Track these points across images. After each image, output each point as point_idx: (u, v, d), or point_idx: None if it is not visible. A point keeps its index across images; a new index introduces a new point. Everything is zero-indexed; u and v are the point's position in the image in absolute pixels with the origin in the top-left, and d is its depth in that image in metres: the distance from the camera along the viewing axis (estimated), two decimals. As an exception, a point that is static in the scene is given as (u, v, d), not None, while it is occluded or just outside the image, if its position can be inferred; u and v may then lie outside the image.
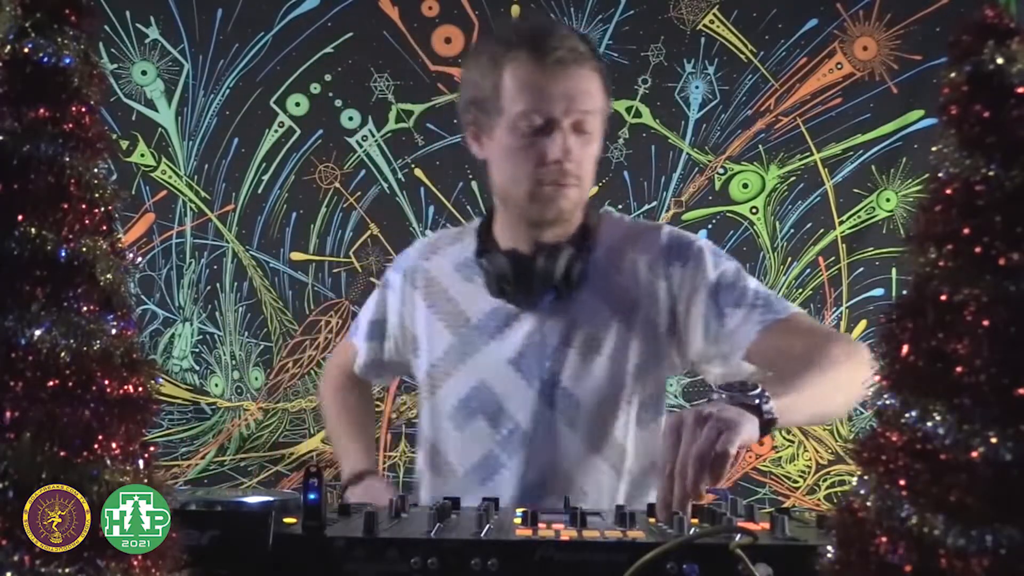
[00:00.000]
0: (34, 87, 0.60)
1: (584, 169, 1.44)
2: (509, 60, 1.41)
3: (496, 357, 1.50)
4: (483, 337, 1.51)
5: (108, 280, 0.61)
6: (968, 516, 0.49)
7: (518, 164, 1.43)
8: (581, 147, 1.42)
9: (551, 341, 1.48)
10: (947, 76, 0.55)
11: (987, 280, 0.51)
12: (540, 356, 1.48)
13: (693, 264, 1.47)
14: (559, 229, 1.48)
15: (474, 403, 1.50)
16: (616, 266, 1.50)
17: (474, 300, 1.52)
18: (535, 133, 1.41)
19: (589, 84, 1.42)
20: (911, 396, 0.53)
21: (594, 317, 1.48)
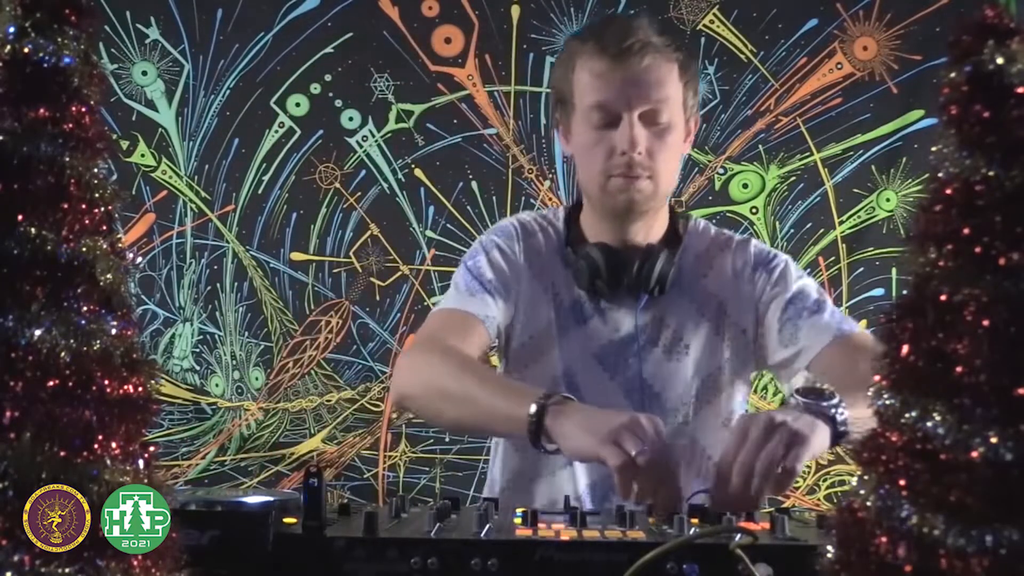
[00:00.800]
0: (34, 87, 0.60)
1: (658, 161, 1.42)
2: (580, 55, 1.43)
3: (581, 347, 1.48)
4: (570, 322, 1.49)
5: (108, 280, 0.61)
6: (968, 516, 0.49)
7: (591, 158, 1.44)
8: (653, 139, 1.41)
9: (638, 338, 1.47)
10: (947, 76, 0.55)
11: (987, 280, 0.51)
12: (625, 352, 1.47)
13: (777, 274, 1.51)
14: (641, 225, 1.49)
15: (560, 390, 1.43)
16: (704, 270, 1.52)
17: (567, 285, 1.51)
18: (605, 126, 1.42)
19: (659, 73, 1.40)
20: (911, 396, 0.53)
21: (682, 318, 1.49)
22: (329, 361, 2.75)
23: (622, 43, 1.38)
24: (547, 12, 2.74)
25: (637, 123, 1.39)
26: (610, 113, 1.41)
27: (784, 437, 1.07)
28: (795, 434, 1.08)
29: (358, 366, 2.75)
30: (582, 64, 1.43)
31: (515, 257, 1.53)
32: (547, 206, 2.74)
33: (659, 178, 1.44)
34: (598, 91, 1.41)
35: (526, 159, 2.74)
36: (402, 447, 2.72)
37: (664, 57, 1.41)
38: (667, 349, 1.48)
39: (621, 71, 1.39)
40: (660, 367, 1.48)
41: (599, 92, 1.41)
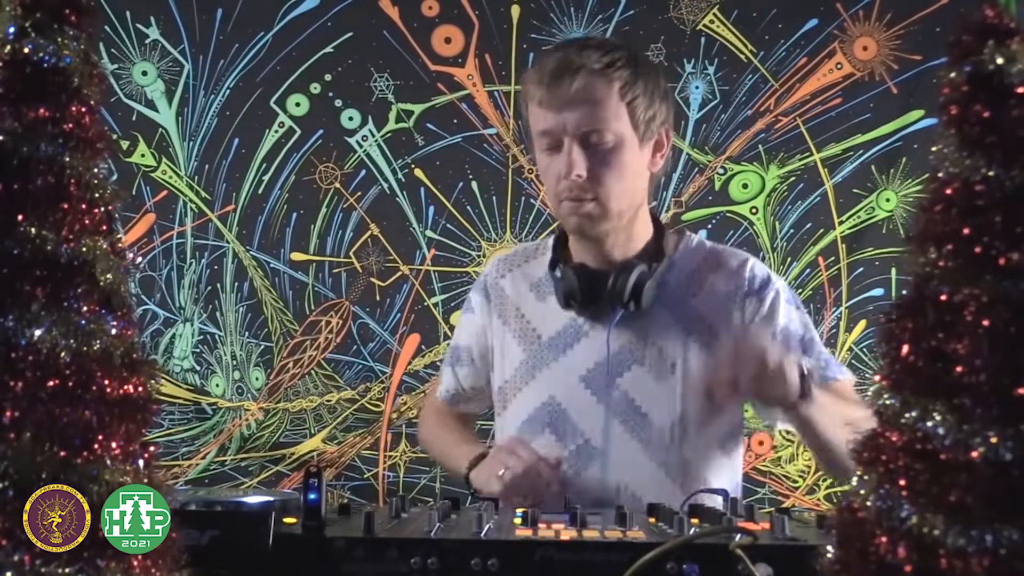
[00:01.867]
0: (34, 87, 0.60)
1: (604, 183, 1.41)
2: (528, 85, 1.45)
3: (566, 373, 1.49)
4: (553, 353, 1.51)
5: (108, 280, 0.61)
6: (968, 516, 0.49)
7: (547, 183, 1.48)
8: (595, 160, 1.40)
9: (621, 357, 1.47)
10: (947, 76, 0.55)
11: (987, 280, 0.51)
12: (610, 372, 1.47)
13: (767, 307, 1.48)
14: (613, 243, 1.48)
15: (543, 418, 1.49)
16: (695, 290, 1.50)
17: (546, 318, 1.53)
18: (551, 151, 1.44)
19: (595, 95, 1.39)
20: (911, 396, 0.53)
21: (668, 336, 1.47)
22: (329, 361, 2.75)
23: (558, 67, 1.39)
24: (547, 12, 2.74)
25: (576, 147, 1.39)
26: (554, 139, 1.42)
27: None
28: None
29: (358, 366, 2.75)
30: (530, 95, 1.45)
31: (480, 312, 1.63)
32: (547, 206, 2.74)
33: (607, 199, 1.42)
34: (541, 119, 1.43)
35: (526, 159, 2.74)
36: (402, 447, 2.72)
37: (600, 77, 1.38)
38: (652, 367, 1.47)
39: (557, 97, 1.39)
40: (646, 386, 1.46)
41: (542, 120, 1.43)
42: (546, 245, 1.60)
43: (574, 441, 1.47)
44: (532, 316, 1.55)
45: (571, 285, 1.45)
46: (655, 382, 1.46)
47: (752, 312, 1.48)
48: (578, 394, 1.48)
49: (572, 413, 1.47)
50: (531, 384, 1.52)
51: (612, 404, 1.46)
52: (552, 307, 1.51)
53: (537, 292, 1.56)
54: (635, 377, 1.46)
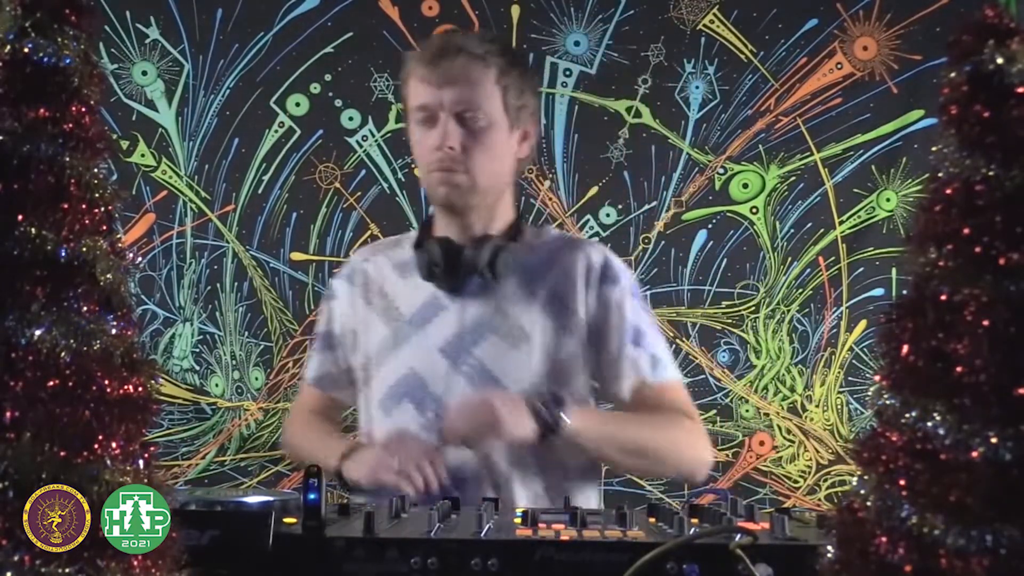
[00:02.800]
0: (34, 87, 0.60)
1: (474, 158, 1.52)
2: (410, 64, 1.58)
3: (426, 345, 1.57)
4: (414, 328, 1.59)
5: (108, 280, 0.61)
6: (968, 516, 0.49)
7: (418, 155, 1.59)
8: (468, 137, 1.52)
9: (478, 328, 1.56)
10: (947, 76, 0.55)
11: (987, 280, 0.51)
12: (466, 342, 1.55)
13: (618, 295, 1.59)
14: (477, 219, 1.59)
15: (402, 389, 1.57)
16: (551, 267, 1.60)
17: (408, 295, 1.62)
18: (426, 125, 1.54)
19: (473, 76, 1.52)
20: (911, 396, 0.53)
21: (522, 308, 1.57)
22: (329, 361, 2.75)
23: (443, 49, 1.53)
24: (547, 12, 2.74)
25: (451, 121, 1.51)
26: (430, 113, 1.53)
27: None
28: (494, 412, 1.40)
29: (358, 366, 2.75)
30: (412, 72, 1.56)
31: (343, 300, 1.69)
32: (547, 205, 2.74)
33: (476, 174, 1.54)
34: (419, 94, 1.54)
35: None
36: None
37: (478, 61, 1.52)
38: (507, 337, 1.55)
39: (437, 74, 1.52)
40: (502, 355, 1.54)
41: (420, 95, 1.54)
42: (409, 235, 1.72)
43: (431, 409, 1.54)
44: (395, 295, 1.64)
45: (433, 255, 1.55)
46: (510, 351, 1.55)
47: (605, 296, 1.58)
48: (436, 364, 1.55)
49: (430, 383, 1.55)
50: (392, 357, 1.59)
51: (469, 372, 1.54)
52: (414, 285, 1.61)
53: (400, 272, 1.65)
54: (490, 346, 1.55)
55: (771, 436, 2.71)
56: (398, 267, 1.66)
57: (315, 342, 1.76)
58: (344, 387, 1.71)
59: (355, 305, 1.67)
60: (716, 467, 2.74)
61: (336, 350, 1.71)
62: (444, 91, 1.51)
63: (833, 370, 2.74)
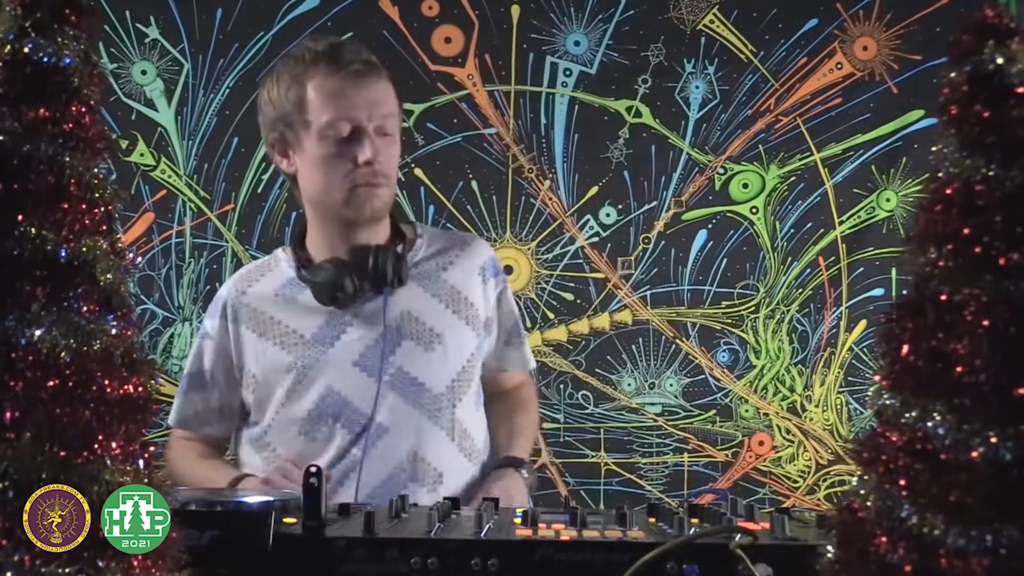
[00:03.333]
0: (34, 87, 0.60)
1: (390, 169, 1.57)
2: (311, 76, 1.53)
3: (338, 362, 1.55)
4: (321, 348, 1.56)
5: (108, 280, 0.61)
6: (968, 516, 0.49)
7: (331, 170, 1.53)
8: (386, 149, 1.54)
9: (389, 335, 1.55)
10: (947, 76, 0.55)
11: (987, 280, 0.51)
12: (381, 351, 1.55)
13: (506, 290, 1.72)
14: (371, 230, 1.59)
15: (326, 410, 1.54)
16: (445, 265, 1.65)
17: (302, 318, 1.58)
18: (343, 140, 1.52)
19: (385, 91, 1.56)
20: (911, 396, 0.53)
21: (429, 310, 1.60)
22: (329, 361, 2.75)
23: (353, 64, 1.52)
24: (547, 12, 2.74)
25: (375, 137, 1.52)
26: (349, 126, 1.51)
27: None
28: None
29: (358, 366, 2.75)
30: (315, 85, 1.52)
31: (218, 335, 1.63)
32: (547, 205, 2.74)
33: (392, 184, 1.59)
34: (337, 108, 1.51)
35: (526, 159, 2.74)
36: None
37: (383, 76, 1.56)
38: (420, 340, 1.58)
39: (357, 88, 1.52)
40: (419, 358, 1.57)
41: (338, 109, 1.51)
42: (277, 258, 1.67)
43: (359, 424, 1.53)
44: (288, 320, 1.59)
45: (331, 278, 1.54)
46: (426, 353, 1.57)
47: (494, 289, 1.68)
48: (355, 379, 1.54)
49: (353, 398, 1.54)
50: (305, 382, 1.55)
51: (390, 380, 1.55)
52: (305, 306, 1.58)
53: (284, 297, 1.61)
54: (406, 351, 1.56)
55: (771, 436, 2.71)
56: (279, 292, 1.61)
57: (183, 384, 1.68)
58: (214, 423, 1.67)
59: (241, 340, 1.60)
60: (716, 467, 2.74)
61: (209, 390, 1.65)
62: (364, 106, 1.51)
63: (833, 370, 2.74)
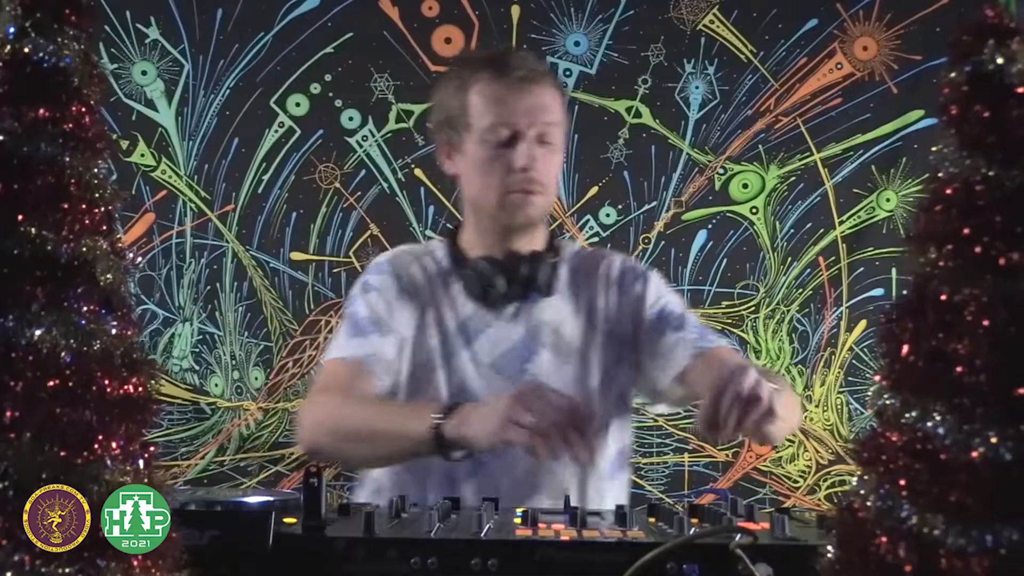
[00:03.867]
0: (34, 87, 0.60)
1: (549, 178, 1.55)
2: (475, 80, 1.54)
3: (475, 361, 1.56)
4: (460, 343, 1.57)
5: (108, 280, 0.61)
6: (968, 516, 0.49)
7: (488, 174, 1.54)
8: (545, 157, 1.53)
9: (528, 343, 1.56)
10: (947, 76, 0.55)
11: (987, 280, 0.51)
12: (518, 357, 1.55)
13: (643, 288, 1.63)
14: (528, 238, 1.59)
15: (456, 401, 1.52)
16: (585, 276, 1.64)
17: (450, 308, 1.59)
18: (502, 145, 1.52)
19: (550, 99, 1.55)
20: (911, 396, 0.53)
21: (566, 320, 1.59)
22: (329, 361, 2.75)
23: (519, 70, 1.53)
24: (547, 12, 2.74)
25: (534, 142, 1.52)
26: (509, 133, 1.52)
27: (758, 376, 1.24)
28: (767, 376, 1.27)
29: (358, 366, 2.75)
30: (479, 89, 1.54)
31: (389, 295, 1.59)
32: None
33: (549, 193, 1.58)
34: (498, 113, 1.53)
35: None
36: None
37: (552, 85, 1.58)
38: (558, 352, 1.57)
39: (520, 95, 1.52)
40: (554, 370, 1.56)
41: (499, 114, 1.52)
42: (433, 245, 1.69)
43: None
44: (439, 306, 1.60)
45: (487, 275, 1.54)
46: (561, 364, 1.56)
47: (633, 295, 1.62)
48: (489, 381, 1.54)
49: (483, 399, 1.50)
50: (441, 371, 1.56)
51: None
52: (454, 300, 1.59)
53: (437, 286, 1.61)
54: (542, 361, 1.56)
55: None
56: (435, 280, 1.61)
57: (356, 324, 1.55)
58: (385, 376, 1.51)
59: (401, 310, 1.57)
60: (716, 467, 2.74)
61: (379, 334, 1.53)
62: (527, 113, 1.52)
63: (833, 370, 2.74)
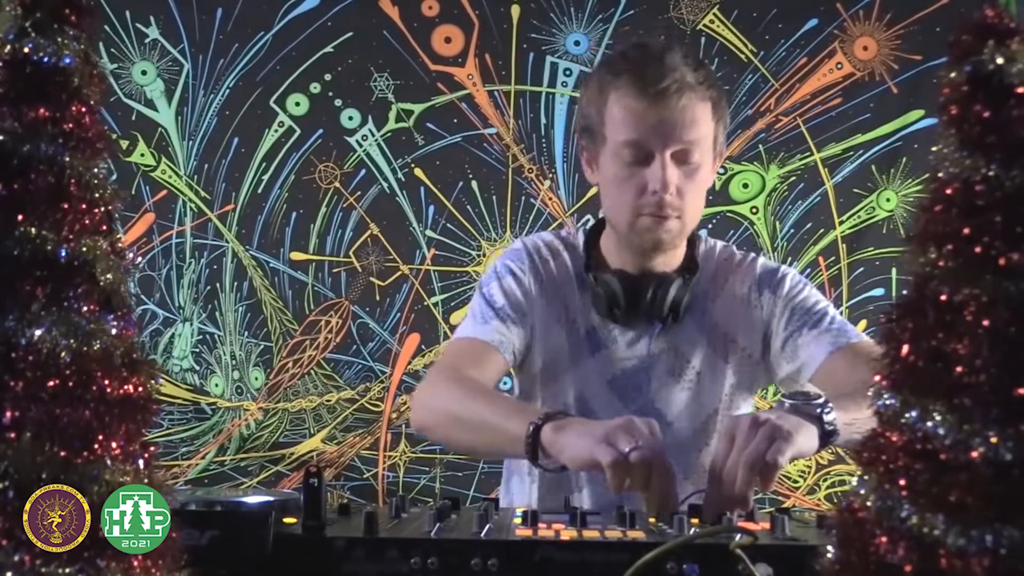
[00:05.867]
0: (34, 87, 0.60)
1: (687, 201, 1.42)
2: (614, 88, 1.41)
3: (596, 373, 1.50)
4: (585, 350, 1.51)
5: (108, 280, 0.61)
6: (968, 516, 0.49)
7: (620, 193, 1.44)
8: (683, 178, 1.41)
9: (651, 368, 1.49)
10: (947, 76, 0.55)
11: (987, 280, 0.50)
12: (639, 381, 1.49)
13: (780, 291, 1.51)
14: (665, 257, 1.49)
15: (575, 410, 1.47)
16: (714, 296, 1.53)
17: (582, 310, 1.52)
18: (636, 163, 1.41)
19: (694, 114, 1.39)
20: (911, 396, 0.53)
21: (692, 345, 1.50)
22: (329, 361, 2.75)
23: (659, 83, 1.36)
24: (547, 12, 2.74)
25: (670, 163, 1.39)
26: (643, 151, 1.40)
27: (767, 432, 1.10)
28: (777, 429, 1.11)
29: (358, 366, 2.75)
30: (616, 99, 1.41)
31: (527, 283, 1.53)
32: (547, 205, 2.74)
33: (686, 217, 1.44)
34: (633, 129, 1.40)
35: (526, 159, 2.74)
36: (402, 447, 2.72)
37: (699, 97, 1.39)
38: (678, 377, 1.50)
39: (657, 111, 1.37)
40: (672, 395, 1.49)
41: (633, 130, 1.40)
42: (572, 242, 1.59)
43: None
44: (572, 306, 1.53)
45: (613, 292, 1.46)
46: (680, 392, 1.49)
47: (769, 304, 1.51)
48: (605, 398, 1.49)
49: (599, 414, 1.46)
50: (566, 375, 1.51)
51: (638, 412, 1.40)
52: (585, 304, 1.52)
53: (574, 285, 1.54)
54: (661, 386, 1.49)
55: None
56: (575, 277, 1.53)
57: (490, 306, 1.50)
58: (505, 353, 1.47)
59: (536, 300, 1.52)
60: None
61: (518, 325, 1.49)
62: (665, 130, 1.37)
63: (833, 370, 2.73)
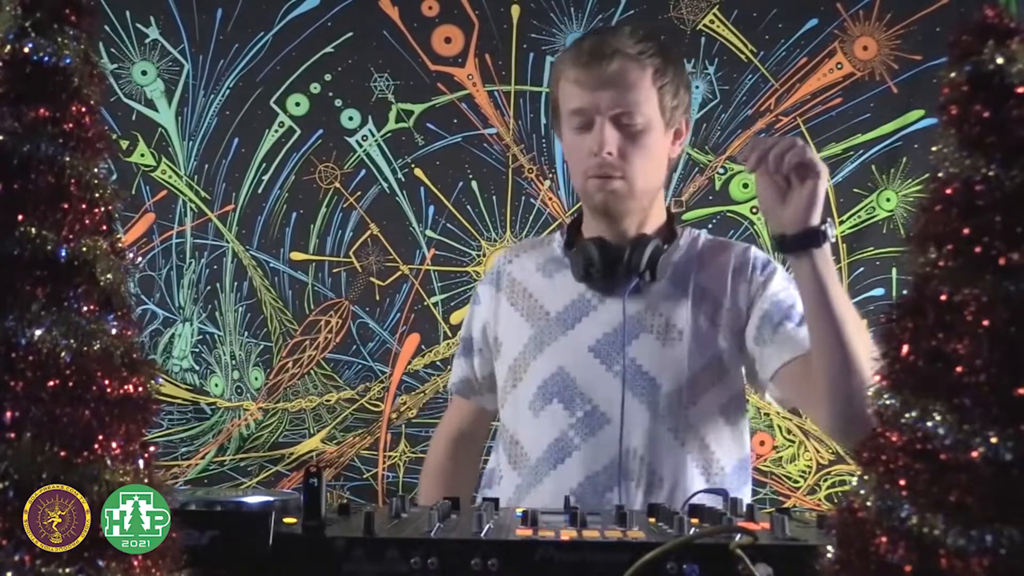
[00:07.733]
0: (34, 87, 0.60)
1: (631, 162, 1.48)
2: (563, 64, 1.53)
3: (575, 344, 1.54)
4: (562, 327, 1.56)
5: (108, 280, 0.61)
6: (968, 516, 0.49)
7: (573, 159, 1.55)
8: (625, 140, 1.48)
9: (630, 327, 1.52)
10: (947, 76, 0.55)
11: (987, 280, 0.51)
12: (619, 341, 1.52)
13: (766, 278, 1.55)
14: (632, 222, 1.55)
15: (551, 388, 1.54)
16: (700, 267, 1.57)
17: (554, 295, 1.59)
18: (582, 129, 1.50)
19: (629, 78, 1.46)
20: (911, 396, 0.53)
21: (674, 307, 1.53)
22: (329, 361, 2.75)
23: (597, 49, 1.47)
24: (547, 12, 2.74)
25: (608, 125, 1.47)
26: (587, 117, 1.49)
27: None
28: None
29: (358, 366, 2.75)
30: (564, 74, 1.52)
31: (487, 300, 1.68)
32: (547, 205, 2.74)
33: (633, 178, 1.50)
34: (575, 97, 1.49)
35: (526, 159, 2.74)
36: (402, 447, 2.72)
37: (635, 62, 1.47)
38: (660, 335, 1.52)
39: (593, 77, 1.47)
40: (654, 353, 1.51)
41: (577, 98, 1.49)
42: (553, 236, 1.70)
43: (582, 408, 1.51)
44: (539, 295, 1.61)
45: (590, 255, 1.52)
46: (663, 349, 1.51)
47: (757, 285, 1.54)
48: (587, 363, 1.53)
49: (580, 382, 1.52)
50: (539, 358, 1.56)
51: (621, 371, 1.50)
52: (559, 285, 1.59)
53: (544, 272, 1.63)
54: (643, 344, 1.52)
55: (771, 436, 2.71)
56: (542, 267, 1.64)
57: (459, 348, 1.75)
58: (483, 393, 1.71)
59: (499, 309, 1.65)
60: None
61: (474, 357, 1.70)
62: (600, 94, 1.46)
63: (833, 370, 2.73)
